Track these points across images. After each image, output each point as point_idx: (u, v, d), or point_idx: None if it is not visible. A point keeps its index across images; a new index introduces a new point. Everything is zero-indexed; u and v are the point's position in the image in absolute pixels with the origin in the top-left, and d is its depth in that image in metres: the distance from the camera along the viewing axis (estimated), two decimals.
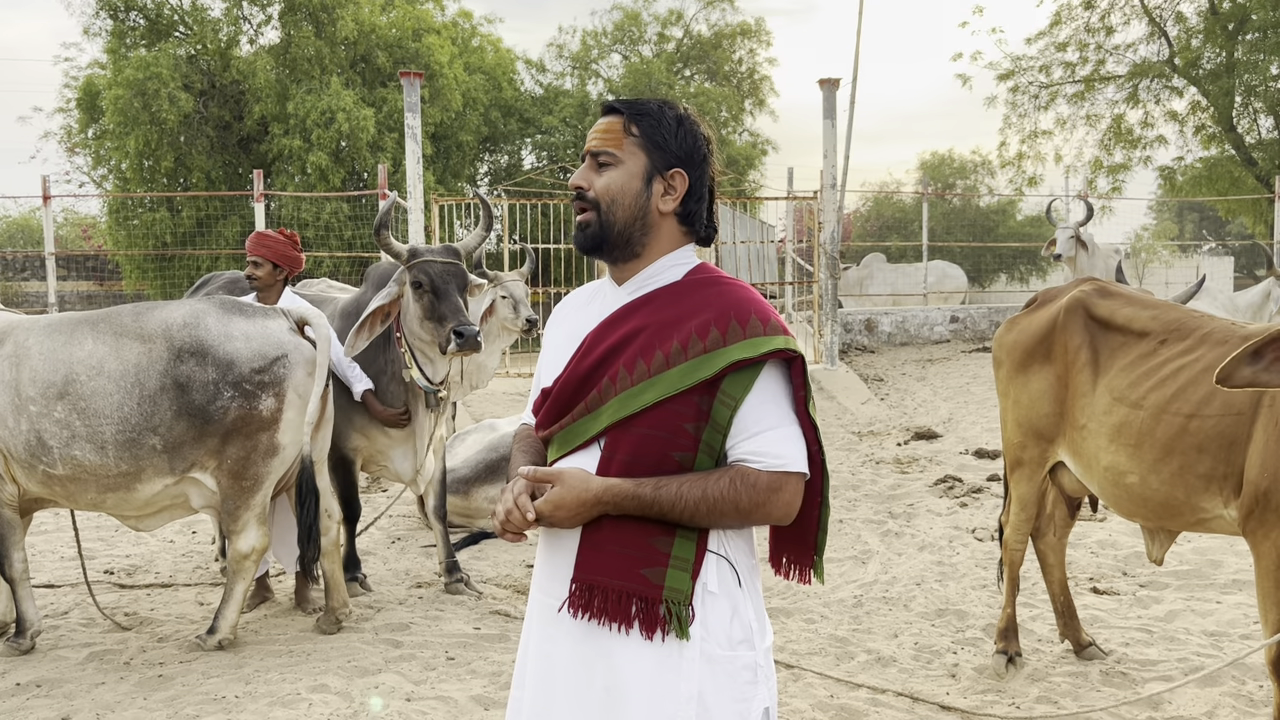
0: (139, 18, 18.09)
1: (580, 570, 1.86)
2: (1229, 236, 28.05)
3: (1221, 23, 17.60)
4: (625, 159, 1.91)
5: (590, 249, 1.93)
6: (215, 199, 17.05)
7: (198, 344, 4.37)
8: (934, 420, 10.25)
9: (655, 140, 1.91)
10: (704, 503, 1.79)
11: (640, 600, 1.81)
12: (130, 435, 4.31)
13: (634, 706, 1.82)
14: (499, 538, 6.57)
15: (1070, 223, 11.25)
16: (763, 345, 1.81)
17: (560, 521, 1.83)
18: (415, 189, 10.70)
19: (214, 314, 4.47)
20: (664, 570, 1.82)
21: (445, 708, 3.93)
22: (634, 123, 1.91)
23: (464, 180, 19.53)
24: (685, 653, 1.81)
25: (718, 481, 1.80)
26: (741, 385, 1.81)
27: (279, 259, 5.16)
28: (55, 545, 6.44)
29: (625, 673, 1.83)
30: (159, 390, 4.33)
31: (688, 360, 1.81)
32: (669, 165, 1.92)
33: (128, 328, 4.42)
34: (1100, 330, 3.85)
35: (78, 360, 4.36)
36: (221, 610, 4.59)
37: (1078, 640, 4.39)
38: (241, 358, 4.39)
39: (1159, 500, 3.53)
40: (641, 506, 1.80)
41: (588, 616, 1.84)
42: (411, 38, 18.22)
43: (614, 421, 1.84)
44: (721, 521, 1.82)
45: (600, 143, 1.92)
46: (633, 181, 1.90)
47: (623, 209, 1.90)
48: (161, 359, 4.35)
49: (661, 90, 20.63)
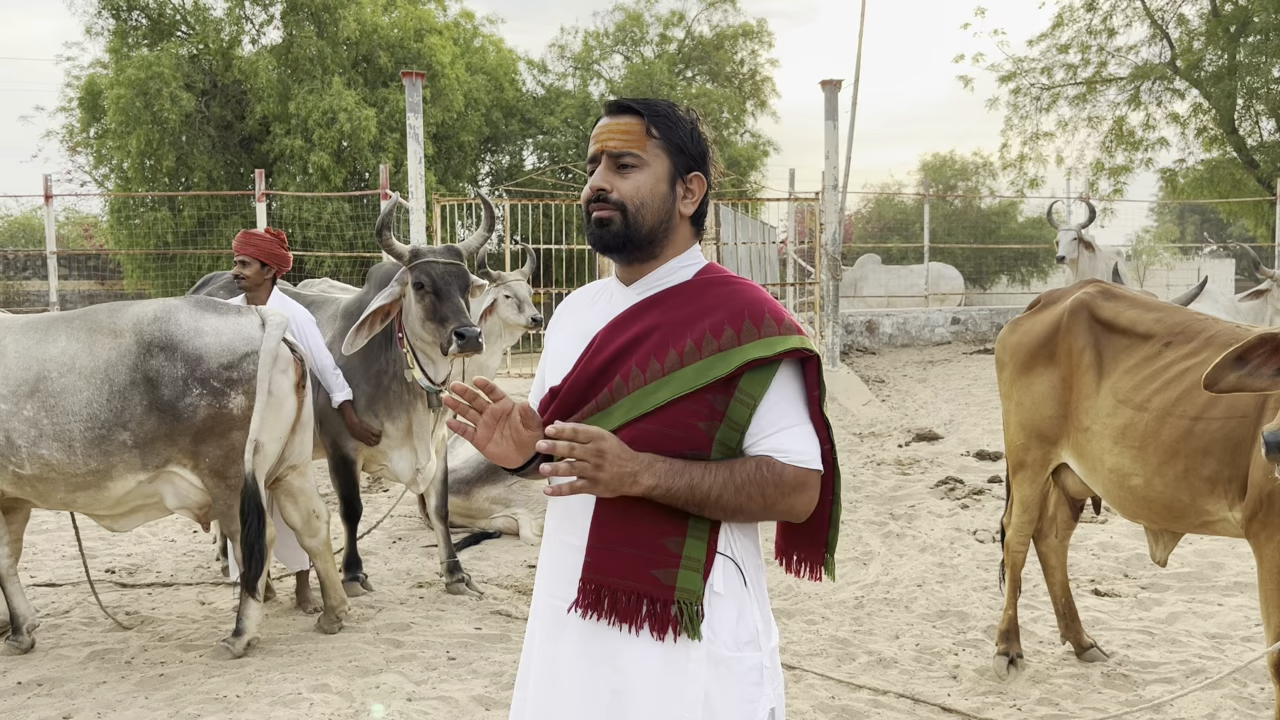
0: (141, 17, 18.09)
1: (590, 570, 1.85)
2: (1230, 239, 28.04)
3: (1223, 25, 17.60)
4: (650, 161, 1.90)
5: (610, 248, 1.91)
6: (217, 199, 17.04)
7: (167, 338, 4.36)
8: (935, 422, 10.24)
9: (675, 143, 1.91)
10: (731, 483, 1.79)
11: (652, 601, 1.81)
12: (99, 432, 4.29)
13: (640, 707, 1.82)
14: (503, 520, 6.61)
15: (1072, 225, 11.24)
16: (778, 344, 1.81)
17: (606, 463, 1.73)
18: (417, 189, 10.70)
19: (186, 310, 4.46)
20: (676, 571, 1.81)
21: (446, 708, 3.93)
22: (654, 125, 1.90)
23: (465, 181, 19.52)
24: (692, 654, 1.81)
25: (744, 466, 1.81)
26: (759, 384, 1.82)
27: (267, 258, 5.15)
28: (56, 544, 6.44)
29: (632, 674, 1.83)
30: (129, 385, 4.31)
31: (702, 359, 1.81)
32: (689, 169, 1.92)
33: (101, 324, 4.41)
34: (1104, 333, 3.85)
35: (50, 358, 4.35)
36: (243, 610, 4.55)
37: (1079, 642, 4.39)
38: (210, 353, 4.37)
39: (1163, 502, 3.53)
40: (672, 470, 1.77)
41: (597, 617, 1.83)
42: (413, 38, 18.21)
43: (626, 420, 1.84)
44: (744, 508, 1.81)
45: (622, 144, 1.89)
46: (660, 185, 1.90)
47: (651, 213, 1.90)
48: (131, 353, 4.34)
49: (663, 91, 20.61)
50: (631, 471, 1.75)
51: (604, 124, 1.92)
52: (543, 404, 1.98)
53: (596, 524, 1.85)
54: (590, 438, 1.72)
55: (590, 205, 1.91)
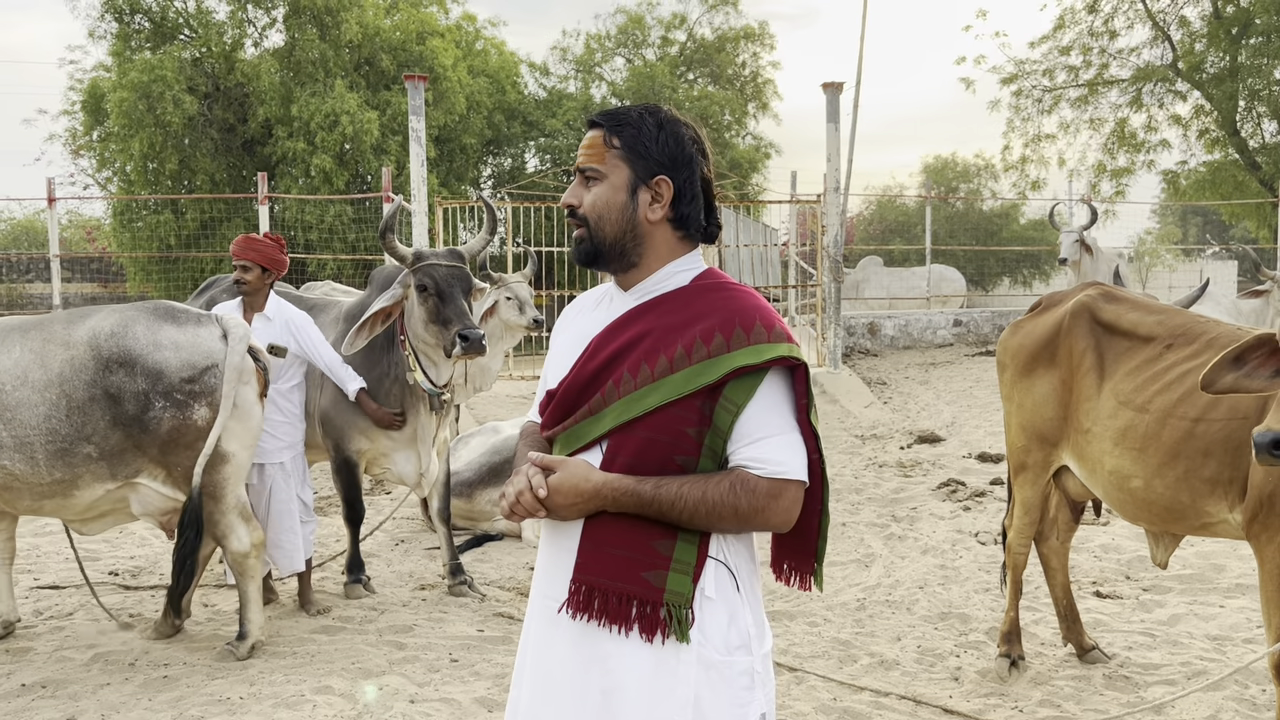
0: (144, 20, 18.12)
1: (580, 571, 1.87)
2: (1232, 241, 28.02)
3: (1225, 27, 17.59)
4: (609, 173, 1.91)
5: (587, 262, 1.96)
6: (219, 201, 17.07)
7: (125, 354, 4.30)
8: (937, 424, 10.24)
9: (637, 150, 1.90)
10: (703, 504, 1.80)
11: (640, 603, 1.82)
12: (62, 445, 4.24)
13: (630, 709, 1.83)
14: (505, 522, 6.61)
15: (1074, 227, 11.24)
16: (766, 352, 1.81)
17: (558, 508, 1.84)
18: (419, 192, 10.71)
19: (144, 322, 4.39)
20: (665, 574, 1.82)
21: (449, 709, 3.94)
22: (614, 135, 1.91)
23: (467, 183, 19.53)
24: (682, 656, 1.82)
25: (718, 485, 1.80)
26: (744, 391, 1.82)
27: (268, 263, 5.15)
28: (60, 546, 6.45)
29: (622, 675, 1.84)
30: (89, 400, 4.25)
31: (691, 365, 1.82)
32: (652, 173, 1.91)
33: (55, 336, 4.34)
34: (1106, 335, 3.86)
35: (4, 369, 4.27)
36: (244, 614, 4.57)
37: (1080, 644, 4.40)
38: (170, 368, 4.32)
39: (1164, 504, 3.53)
40: (640, 504, 1.80)
41: (587, 618, 1.85)
42: (415, 41, 18.23)
43: (617, 425, 1.85)
44: (720, 525, 1.83)
45: (585, 159, 1.93)
46: (617, 195, 1.91)
47: (610, 223, 1.91)
48: (88, 368, 4.27)
49: (665, 93, 20.63)
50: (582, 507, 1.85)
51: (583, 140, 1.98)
52: (541, 406, 2.01)
53: (589, 526, 1.87)
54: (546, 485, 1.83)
55: (569, 221, 1.98)
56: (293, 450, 5.25)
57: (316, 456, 5.63)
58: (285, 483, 5.18)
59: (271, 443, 5.12)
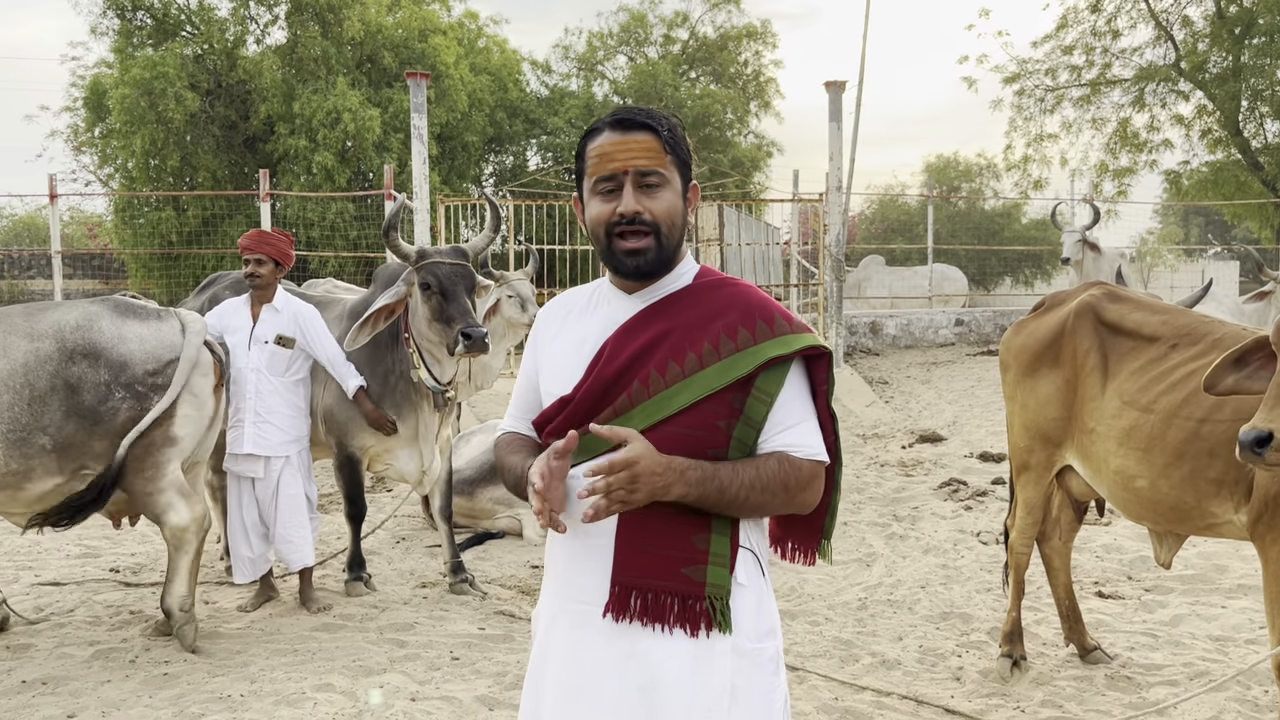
0: (146, 17, 18.11)
1: (619, 573, 1.86)
2: (1235, 241, 28.00)
3: (1228, 26, 17.57)
4: (670, 179, 1.90)
5: (650, 274, 1.91)
6: (221, 198, 17.06)
7: (90, 346, 4.37)
8: (939, 423, 10.24)
9: (681, 157, 1.93)
10: (758, 481, 1.83)
11: (683, 599, 1.84)
12: (19, 435, 4.27)
13: (670, 702, 1.84)
14: (507, 520, 6.62)
15: (1077, 226, 11.23)
16: (794, 343, 1.87)
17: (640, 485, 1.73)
18: (421, 189, 10.70)
19: (108, 316, 4.47)
20: (704, 568, 1.85)
21: (450, 708, 3.94)
22: (668, 141, 1.90)
23: (469, 181, 19.52)
24: (717, 647, 1.85)
25: (767, 464, 1.85)
26: (775, 381, 1.87)
27: (280, 257, 5.18)
28: (60, 543, 6.45)
29: (662, 669, 1.85)
30: (49, 391, 4.30)
31: (721, 360, 1.85)
32: (689, 180, 1.95)
33: (17, 327, 4.37)
34: (1110, 335, 3.85)
35: None
36: (168, 587, 4.59)
37: (1083, 644, 4.39)
38: (135, 360, 4.42)
39: (1168, 504, 3.52)
40: (704, 477, 1.80)
41: (630, 619, 1.85)
42: (417, 38, 18.22)
43: (648, 424, 1.85)
44: (767, 504, 1.86)
45: (649, 162, 1.87)
46: (678, 201, 1.92)
47: (677, 230, 1.93)
48: (52, 359, 4.32)
49: (667, 91, 20.62)
50: (664, 485, 1.78)
51: (617, 140, 1.88)
52: (550, 412, 1.97)
53: (623, 525, 1.86)
54: (624, 465, 1.73)
55: (619, 229, 1.87)
56: (299, 444, 5.25)
57: (319, 454, 5.62)
58: (293, 477, 5.19)
59: (277, 435, 5.13)
